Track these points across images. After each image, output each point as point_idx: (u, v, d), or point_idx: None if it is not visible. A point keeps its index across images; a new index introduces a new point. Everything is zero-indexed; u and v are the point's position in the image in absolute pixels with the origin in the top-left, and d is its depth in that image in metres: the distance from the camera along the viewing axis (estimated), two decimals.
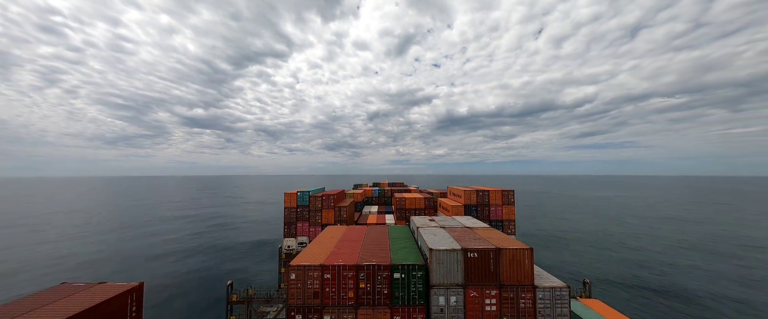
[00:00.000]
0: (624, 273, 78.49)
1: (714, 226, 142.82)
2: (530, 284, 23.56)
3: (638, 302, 61.98)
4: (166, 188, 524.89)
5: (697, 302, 61.72)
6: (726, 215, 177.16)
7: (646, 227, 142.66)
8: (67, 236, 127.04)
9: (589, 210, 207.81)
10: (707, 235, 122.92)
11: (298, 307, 23.96)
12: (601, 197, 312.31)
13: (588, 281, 43.87)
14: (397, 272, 24.33)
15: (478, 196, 55.00)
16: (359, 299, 24.02)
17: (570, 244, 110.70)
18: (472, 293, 23.44)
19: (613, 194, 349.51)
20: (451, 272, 24.00)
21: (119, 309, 22.06)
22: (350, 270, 24.38)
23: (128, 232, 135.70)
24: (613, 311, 30.62)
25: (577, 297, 38.38)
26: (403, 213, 60.96)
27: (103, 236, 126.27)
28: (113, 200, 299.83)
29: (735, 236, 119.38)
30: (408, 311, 23.82)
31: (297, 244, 56.71)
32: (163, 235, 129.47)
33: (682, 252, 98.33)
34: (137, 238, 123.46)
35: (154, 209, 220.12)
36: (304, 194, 58.18)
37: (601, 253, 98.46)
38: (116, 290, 22.46)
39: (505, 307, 23.28)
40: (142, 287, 24.50)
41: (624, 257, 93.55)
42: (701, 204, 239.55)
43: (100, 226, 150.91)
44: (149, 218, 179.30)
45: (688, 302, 61.76)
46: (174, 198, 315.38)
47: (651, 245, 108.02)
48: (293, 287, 24.28)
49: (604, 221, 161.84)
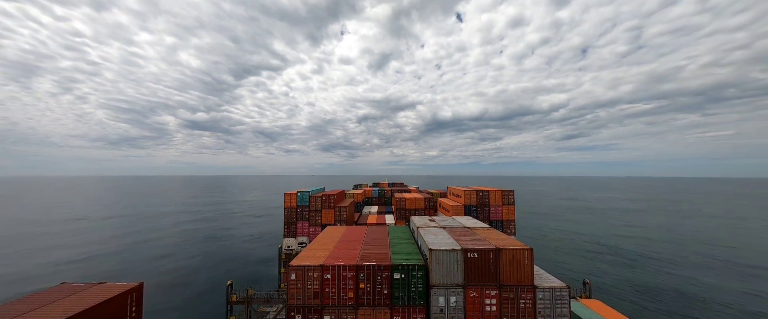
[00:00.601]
0: (623, 273, 78.49)
1: (698, 226, 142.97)
2: (530, 285, 23.52)
3: (638, 302, 61.99)
4: (165, 187, 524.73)
5: (697, 301, 61.75)
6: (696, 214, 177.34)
7: (644, 226, 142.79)
8: (67, 236, 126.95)
9: (586, 211, 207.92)
10: (702, 233, 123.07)
11: (298, 307, 23.92)
12: (599, 198, 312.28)
13: (588, 282, 43.89)
14: (397, 273, 24.30)
15: (477, 196, 55.00)
16: (359, 300, 23.99)
17: (569, 243, 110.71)
18: (472, 294, 23.41)
19: (609, 195, 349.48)
20: (451, 272, 23.97)
21: (119, 309, 22.03)
22: (350, 270, 24.35)
23: (128, 232, 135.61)
24: (613, 311, 30.63)
25: (577, 297, 38.38)
26: (403, 213, 60.95)
27: (103, 236, 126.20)
28: (113, 200, 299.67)
29: (715, 236, 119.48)
30: (408, 312, 23.79)
31: (297, 244, 56.70)
32: (162, 235, 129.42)
33: (679, 251, 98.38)
34: (137, 238, 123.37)
35: (154, 209, 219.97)
36: (304, 194, 58.16)
37: (600, 252, 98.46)
38: (116, 291, 22.44)
39: (505, 307, 23.25)
40: (142, 287, 24.46)
41: (623, 256, 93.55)
42: (679, 202, 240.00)
43: (100, 226, 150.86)
44: (148, 217, 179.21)
45: (688, 302, 61.78)
46: (173, 198, 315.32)
47: (650, 244, 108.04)
48: (293, 287, 24.24)
49: (602, 220, 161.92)
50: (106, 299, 21.08)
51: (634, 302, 61.64)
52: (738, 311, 57.65)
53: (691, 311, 57.75)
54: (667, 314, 57.08)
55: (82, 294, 21.82)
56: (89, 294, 21.81)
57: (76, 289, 23.01)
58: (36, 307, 19.77)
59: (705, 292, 66.32)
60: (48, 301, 20.65)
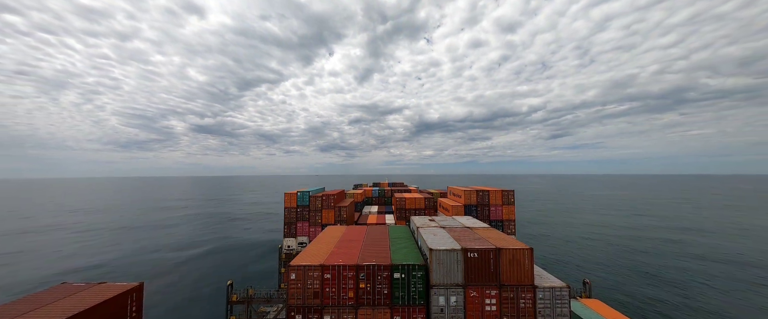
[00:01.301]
0: (623, 273, 78.51)
1: (677, 220, 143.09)
2: (530, 284, 23.54)
3: (638, 303, 61.97)
4: (168, 188, 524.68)
5: (697, 301, 61.74)
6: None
7: (643, 225, 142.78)
8: (67, 235, 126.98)
9: (585, 207, 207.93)
10: (696, 232, 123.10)
11: (298, 307, 23.92)
12: (595, 195, 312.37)
13: (588, 281, 43.85)
14: (397, 272, 24.31)
15: (478, 196, 54.98)
16: (359, 299, 24.00)
17: (568, 243, 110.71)
18: (472, 293, 23.43)
19: (607, 193, 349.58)
20: (451, 272, 23.98)
21: (119, 309, 22.02)
22: (350, 270, 24.36)
23: (128, 232, 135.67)
24: (613, 311, 30.63)
25: (577, 297, 38.37)
26: (403, 213, 60.94)
27: (103, 236, 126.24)
28: (114, 200, 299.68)
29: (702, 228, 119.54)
30: (408, 311, 23.80)
31: (297, 244, 56.69)
32: (163, 235, 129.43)
33: (676, 249, 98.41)
34: (137, 238, 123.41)
35: (155, 209, 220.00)
36: (304, 194, 58.13)
37: (598, 252, 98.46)
38: (116, 291, 22.43)
39: (505, 307, 23.26)
40: (142, 287, 24.45)
41: (623, 256, 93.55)
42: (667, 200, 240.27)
43: (101, 226, 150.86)
44: (149, 217, 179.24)
45: (689, 301, 61.78)
46: (175, 198, 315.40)
47: (647, 244, 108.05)
48: (293, 287, 24.24)
49: (599, 219, 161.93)
50: (106, 299, 21.07)
51: (635, 303, 61.64)
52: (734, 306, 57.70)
53: (692, 311, 57.76)
54: (667, 313, 57.08)
55: (82, 294, 21.81)
56: (89, 294, 21.80)
57: (76, 289, 23.00)
58: (36, 307, 19.76)
59: (704, 291, 66.34)
60: (48, 301, 20.64)
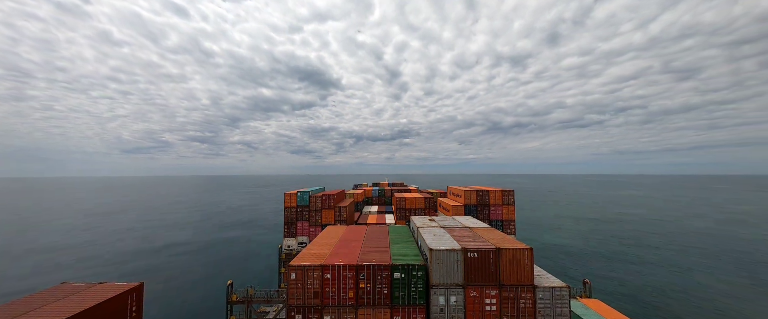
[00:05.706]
0: (622, 272, 78.52)
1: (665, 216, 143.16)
2: (530, 284, 23.52)
3: (638, 302, 62.00)
4: (166, 188, 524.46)
5: (697, 301, 61.78)
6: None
7: (643, 224, 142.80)
8: (67, 235, 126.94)
9: (573, 205, 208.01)
10: (690, 229, 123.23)
11: (298, 307, 23.90)
12: (589, 194, 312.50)
13: (588, 281, 43.82)
14: (397, 272, 24.29)
15: (478, 196, 54.96)
16: (359, 299, 23.98)
17: (567, 242, 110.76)
18: (472, 293, 23.41)
19: (597, 192, 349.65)
20: (451, 271, 23.97)
21: (119, 309, 22.02)
22: (350, 270, 24.34)
23: (128, 232, 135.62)
24: (613, 311, 30.62)
25: (577, 297, 38.36)
26: (403, 213, 60.91)
27: (103, 236, 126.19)
28: (114, 200, 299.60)
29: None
30: (408, 311, 23.79)
31: (297, 244, 56.67)
32: (162, 235, 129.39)
33: (672, 247, 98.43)
34: (137, 238, 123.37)
35: (154, 209, 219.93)
36: (304, 193, 58.10)
37: (597, 251, 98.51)
38: (116, 290, 22.42)
39: (505, 307, 23.26)
40: (142, 287, 24.45)
41: (621, 256, 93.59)
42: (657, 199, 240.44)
43: (100, 225, 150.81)
44: (148, 217, 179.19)
45: (688, 301, 61.80)
46: (173, 198, 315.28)
47: (646, 243, 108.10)
48: (293, 287, 24.22)
49: (597, 216, 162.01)
50: (107, 299, 21.07)
51: (634, 302, 61.67)
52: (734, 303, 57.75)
53: (692, 310, 57.80)
54: (667, 313, 57.12)
55: (82, 294, 21.81)
56: (89, 294, 21.80)
57: (76, 289, 22.99)
58: (36, 307, 19.76)
59: (704, 291, 66.37)
60: (48, 301, 20.64)
